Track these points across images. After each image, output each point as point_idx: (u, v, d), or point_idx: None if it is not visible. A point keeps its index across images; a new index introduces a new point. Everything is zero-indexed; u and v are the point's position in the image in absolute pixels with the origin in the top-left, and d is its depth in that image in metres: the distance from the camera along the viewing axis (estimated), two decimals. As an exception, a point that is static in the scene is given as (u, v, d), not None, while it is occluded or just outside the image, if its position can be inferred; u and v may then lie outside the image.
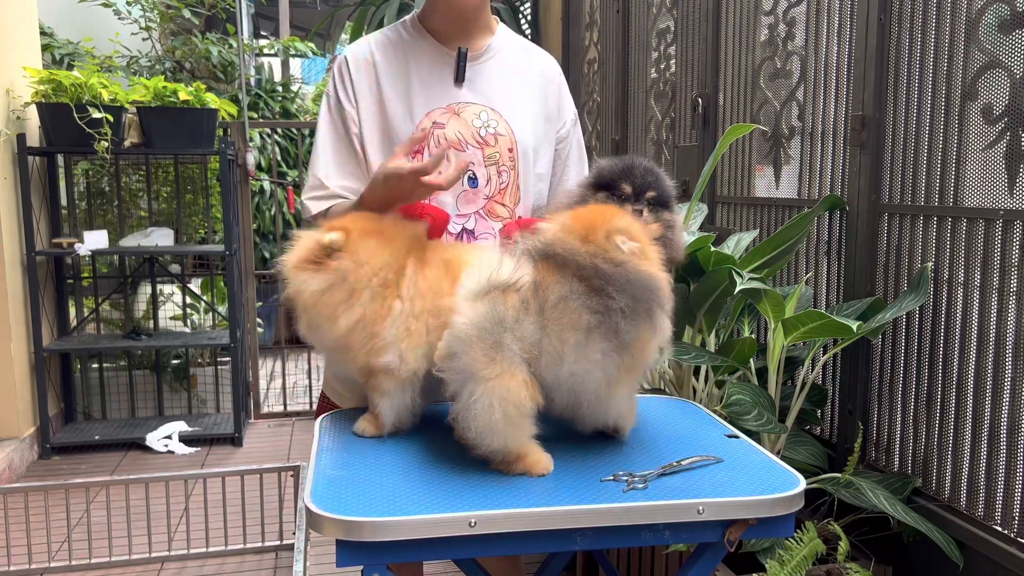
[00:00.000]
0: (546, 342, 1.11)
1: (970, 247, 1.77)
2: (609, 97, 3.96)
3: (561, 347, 1.11)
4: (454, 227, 1.54)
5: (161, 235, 3.98)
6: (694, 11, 3.02)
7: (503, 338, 1.09)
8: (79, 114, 3.49)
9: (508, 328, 1.09)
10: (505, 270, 1.12)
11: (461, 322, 1.10)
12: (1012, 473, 1.66)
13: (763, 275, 1.98)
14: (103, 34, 5.02)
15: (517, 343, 1.10)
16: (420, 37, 1.60)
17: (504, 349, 1.09)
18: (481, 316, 1.09)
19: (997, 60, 1.70)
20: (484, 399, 1.08)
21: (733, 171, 2.79)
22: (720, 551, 1.15)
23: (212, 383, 4.31)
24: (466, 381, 1.10)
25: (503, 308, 1.10)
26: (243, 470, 2.74)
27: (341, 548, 1.02)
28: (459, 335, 1.10)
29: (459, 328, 1.10)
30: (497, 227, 1.56)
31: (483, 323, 1.09)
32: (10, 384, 3.57)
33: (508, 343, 1.09)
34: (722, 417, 1.60)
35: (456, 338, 1.11)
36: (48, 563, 2.63)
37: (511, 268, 1.12)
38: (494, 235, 1.56)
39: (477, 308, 1.10)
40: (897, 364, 1.99)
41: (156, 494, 2.79)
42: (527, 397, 1.10)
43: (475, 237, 1.55)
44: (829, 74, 2.22)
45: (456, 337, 1.11)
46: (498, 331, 1.09)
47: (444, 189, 1.36)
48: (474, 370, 1.09)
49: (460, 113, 1.55)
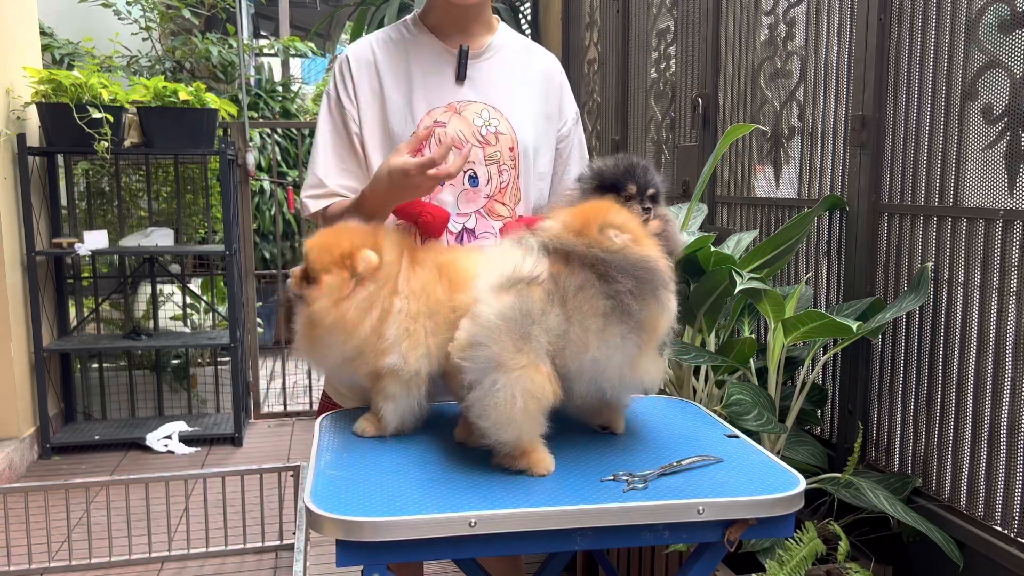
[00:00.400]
0: (572, 332, 1.12)
1: (970, 247, 1.77)
2: (609, 97, 3.96)
3: (585, 335, 1.12)
4: (454, 226, 1.54)
5: (161, 235, 3.98)
6: (694, 11, 3.02)
7: (532, 330, 1.10)
8: (79, 114, 3.49)
9: (536, 320, 1.10)
10: (527, 264, 1.13)
11: (488, 312, 1.11)
12: (1012, 473, 1.66)
13: (763, 275, 1.98)
14: (103, 34, 5.02)
15: (544, 335, 1.11)
16: (421, 35, 1.60)
17: (532, 340, 1.10)
18: (508, 307, 1.10)
19: (997, 60, 1.70)
20: (507, 389, 1.08)
21: (733, 171, 2.79)
22: (720, 551, 1.15)
23: (212, 383, 4.31)
24: (489, 370, 1.09)
25: (530, 301, 1.11)
26: (243, 470, 2.74)
27: (341, 548, 1.02)
28: (485, 324, 1.10)
29: (485, 318, 1.11)
30: (498, 226, 1.56)
31: (511, 314, 1.10)
32: (10, 384, 3.57)
33: (536, 335, 1.10)
34: (722, 417, 1.60)
35: (482, 327, 1.11)
36: (48, 563, 2.63)
37: (530, 262, 1.13)
38: (495, 234, 1.56)
39: (504, 300, 1.11)
40: (897, 364, 1.99)
41: (156, 494, 2.79)
42: (550, 391, 1.11)
43: (475, 236, 1.55)
44: (829, 74, 2.22)
45: (482, 327, 1.11)
46: (526, 323, 1.10)
47: (452, 176, 1.36)
48: (501, 360, 1.09)
49: (461, 111, 1.55)
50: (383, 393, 1.30)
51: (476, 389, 1.11)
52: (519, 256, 1.15)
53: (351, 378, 1.38)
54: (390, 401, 1.30)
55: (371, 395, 1.33)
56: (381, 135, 1.55)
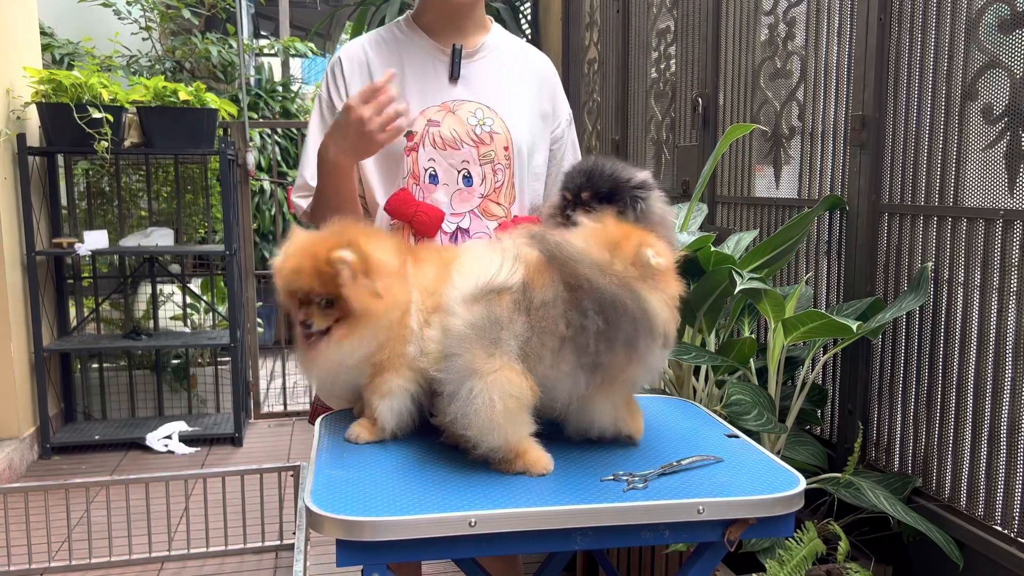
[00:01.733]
0: (534, 341, 1.12)
1: (970, 247, 1.77)
2: (609, 97, 3.96)
3: (541, 349, 1.12)
4: (448, 226, 1.53)
5: (161, 235, 3.98)
6: (694, 11, 3.02)
7: (500, 335, 1.11)
8: (79, 114, 3.49)
9: (504, 326, 1.11)
10: (502, 272, 1.12)
11: (458, 324, 1.12)
12: (1012, 473, 1.66)
13: (763, 275, 1.98)
14: (103, 34, 5.02)
15: (513, 339, 1.11)
16: (414, 35, 1.59)
17: (502, 344, 1.10)
18: (478, 317, 1.11)
19: (997, 60, 1.70)
20: (484, 394, 1.09)
21: (733, 171, 2.79)
22: (720, 551, 1.14)
23: (212, 383, 4.31)
24: (465, 379, 1.10)
25: (498, 309, 1.11)
26: (243, 470, 2.74)
27: (341, 548, 1.02)
28: (457, 335, 1.11)
29: (456, 329, 1.12)
30: (492, 226, 1.56)
31: (480, 323, 1.11)
32: (10, 384, 3.57)
33: (505, 339, 1.11)
34: (722, 417, 1.60)
35: (454, 338, 1.12)
36: (48, 563, 2.63)
37: (505, 268, 1.13)
38: (489, 234, 1.55)
39: (474, 310, 1.11)
40: (897, 364, 1.99)
41: (156, 494, 2.78)
42: (527, 387, 1.11)
43: (470, 236, 1.54)
44: (829, 74, 2.22)
45: (454, 337, 1.12)
46: (496, 329, 1.10)
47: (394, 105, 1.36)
48: (474, 366, 1.10)
49: (455, 111, 1.54)
50: (380, 390, 1.26)
51: (455, 401, 1.11)
52: (494, 264, 1.14)
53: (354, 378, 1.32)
54: (387, 399, 1.26)
55: (365, 395, 1.30)
56: None
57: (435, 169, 1.53)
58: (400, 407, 1.26)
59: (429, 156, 1.53)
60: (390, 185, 1.55)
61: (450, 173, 1.53)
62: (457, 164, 1.54)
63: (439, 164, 1.53)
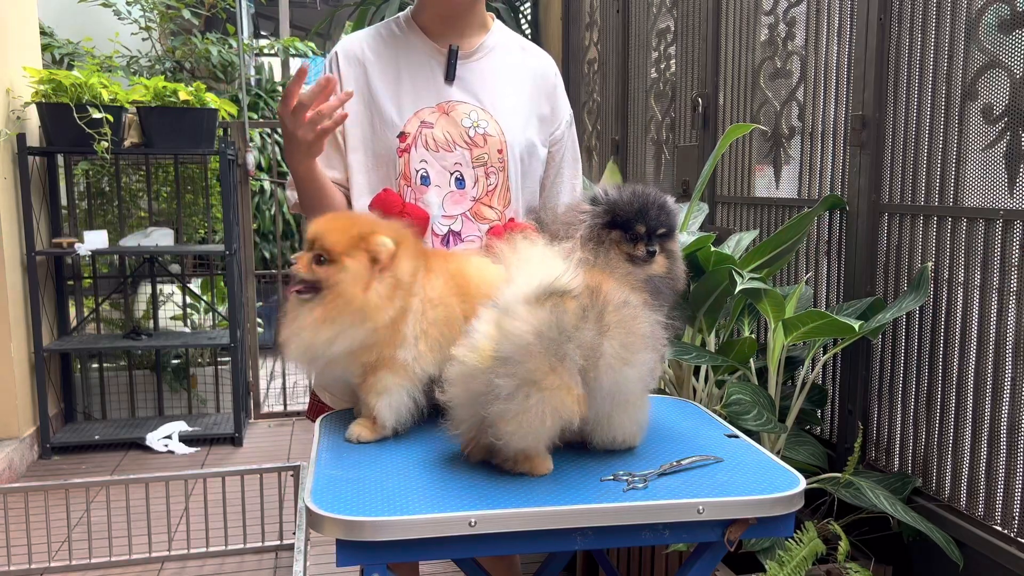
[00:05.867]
0: (607, 346, 1.11)
1: (970, 247, 1.77)
2: (609, 97, 3.96)
3: (622, 351, 1.12)
4: (440, 228, 1.52)
5: (161, 235, 3.97)
6: (694, 11, 3.02)
7: (566, 349, 1.07)
8: (79, 114, 3.49)
9: (570, 337, 1.08)
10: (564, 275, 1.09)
11: (521, 328, 1.06)
12: (1012, 473, 1.66)
13: (763, 275, 1.98)
14: (103, 34, 5.01)
15: (578, 351, 1.08)
16: (412, 34, 1.58)
17: (566, 360, 1.07)
18: (542, 323, 1.06)
19: (997, 60, 1.70)
20: (539, 406, 1.07)
21: (733, 171, 2.79)
22: (720, 551, 1.15)
23: (212, 383, 4.31)
24: (523, 385, 1.07)
25: (565, 316, 1.08)
26: (243, 470, 2.74)
27: (341, 548, 1.02)
28: (518, 342, 1.06)
29: (518, 334, 1.06)
30: (484, 229, 1.55)
31: (545, 331, 1.06)
32: (10, 384, 3.57)
33: (570, 353, 1.08)
34: (722, 417, 1.60)
35: (515, 345, 1.06)
36: (48, 563, 2.62)
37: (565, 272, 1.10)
38: (480, 237, 1.54)
39: (538, 315, 1.07)
40: (897, 364, 1.99)
41: (156, 494, 2.78)
42: (576, 413, 1.10)
43: (461, 239, 1.53)
44: (829, 74, 2.22)
45: (515, 344, 1.06)
46: (561, 340, 1.07)
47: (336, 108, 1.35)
48: (535, 378, 1.06)
49: (449, 112, 1.53)
50: (376, 388, 1.26)
51: (508, 399, 1.07)
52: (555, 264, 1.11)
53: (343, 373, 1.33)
54: (384, 396, 1.26)
55: (362, 395, 1.30)
56: (363, 132, 1.54)
57: (427, 171, 1.52)
58: (398, 403, 1.27)
59: (421, 157, 1.52)
60: (381, 186, 1.54)
61: (442, 175, 1.52)
62: (449, 166, 1.52)
63: (431, 166, 1.52)
